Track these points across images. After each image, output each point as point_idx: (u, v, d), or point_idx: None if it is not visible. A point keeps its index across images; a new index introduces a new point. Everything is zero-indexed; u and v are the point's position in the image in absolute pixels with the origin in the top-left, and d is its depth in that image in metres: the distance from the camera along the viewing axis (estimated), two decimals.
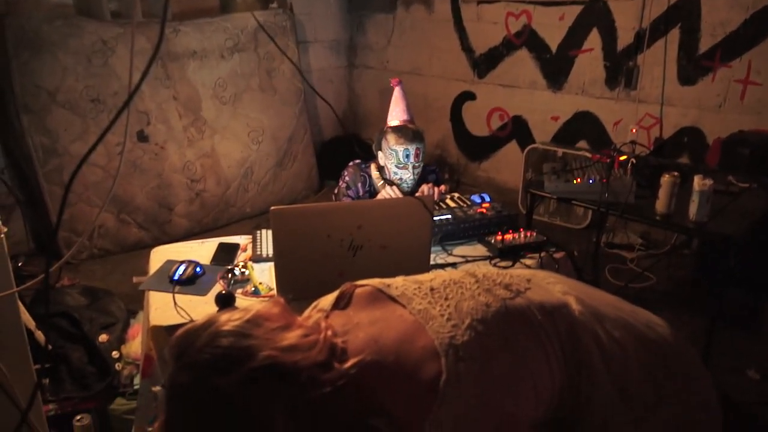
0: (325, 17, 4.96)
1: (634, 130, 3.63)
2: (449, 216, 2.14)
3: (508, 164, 4.40)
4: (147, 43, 3.51)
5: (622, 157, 2.69)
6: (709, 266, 2.98)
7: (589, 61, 3.87)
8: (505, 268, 1.94)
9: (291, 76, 4.40)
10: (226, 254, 2.01)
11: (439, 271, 1.71)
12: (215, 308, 1.67)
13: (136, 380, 2.22)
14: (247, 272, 1.85)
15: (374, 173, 2.46)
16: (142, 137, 3.67)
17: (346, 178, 2.44)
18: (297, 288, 1.72)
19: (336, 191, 2.51)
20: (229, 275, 1.81)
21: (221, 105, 4.02)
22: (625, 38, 3.68)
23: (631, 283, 3.20)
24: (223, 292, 1.67)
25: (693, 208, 2.22)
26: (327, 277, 1.73)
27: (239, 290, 1.77)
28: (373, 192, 2.43)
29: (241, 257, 2.01)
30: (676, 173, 2.31)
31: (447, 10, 4.47)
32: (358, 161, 2.48)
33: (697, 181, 2.21)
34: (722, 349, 2.49)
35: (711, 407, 1.01)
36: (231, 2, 4.22)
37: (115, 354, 2.33)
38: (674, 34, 3.49)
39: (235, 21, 4.06)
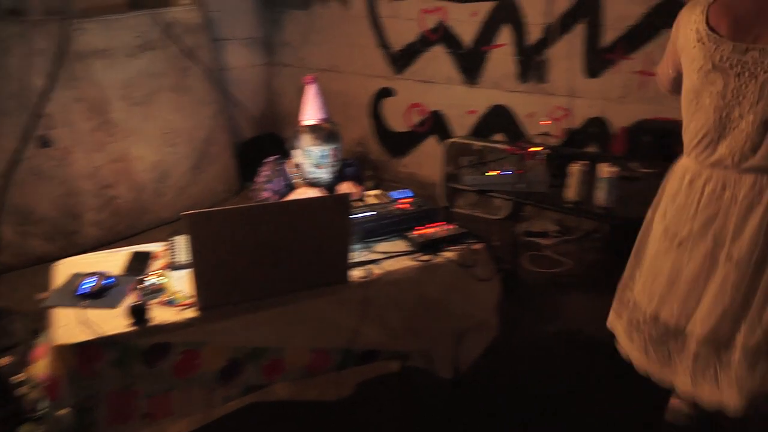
0: (240, 14, 4.85)
1: (545, 122, 3.79)
2: (371, 213, 2.15)
3: (429, 159, 4.46)
4: (47, 43, 3.30)
5: (536, 149, 2.79)
6: (617, 248, 3.15)
7: (502, 56, 3.98)
8: (425, 262, 1.97)
9: (206, 75, 4.27)
10: (139, 263, 1.92)
11: None
12: (127, 321, 1.60)
13: (44, 404, 2.09)
14: (162, 281, 1.78)
15: (292, 170, 2.43)
16: (45, 142, 3.45)
17: (264, 174, 2.40)
18: (218, 294, 1.69)
19: (254, 188, 2.46)
20: (143, 285, 1.73)
21: (132, 106, 3.84)
22: (534, 33, 3.81)
23: (549, 268, 3.33)
24: (136, 303, 1.60)
25: (600, 195, 2.34)
26: (249, 281, 1.71)
27: (154, 300, 1.70)
28: (291, 188, 2.40)
29: (156, 265, 1.93)
30: (584, 162, 2.43)
31: (363, 7, 4.47)
32: (275, 157, 2.44)
33: (603, 169, 2.32)
34: None
35: None
36: None
37: (19, 377, 2.17)
38: (580, 29, 3.65)
39: (144, 18, 3.88)
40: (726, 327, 1.47)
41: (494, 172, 2.67)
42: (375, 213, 2.14)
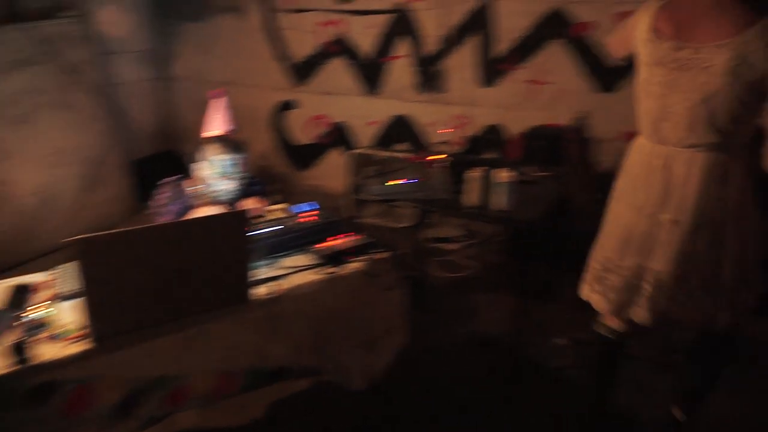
0: (131, 26, 4.63)
1: (445, 131, 3.90)
2: (275, 228, 2.11)
3: (335, 170, 4.45)
4: None
5: (436, 157, 2.86)
6: (516, 249, 3.28)
7: (401, 67, 4.06)
8: (332, 274, 1.95)
9: (95, 91, 4.03)
10: (20, 297, 1.77)
11: None
12: (5, 361, 1.46)
13: None
14: (48, 314, 1.65)
15: (192, 189, 2.34)
16: None
17: (161, 198, 2.29)
18: (112, 323, 1.58)
19: (150, 213, 2.34)
20: (23, 321, 1.59)
21: (10, 126, 3.56)
22: (431, 45, 3.92)
23: (455, 272, 3.42)
24: (15, 340, 1.46)
25: (498, 198, 2.43)
26: (146, 306, 1.62)
27: (38, 336, 1.56)
28: (191, 208, 2.31)
29: (41, 297, 1.78)
30: (483, 168, 2.51)
31: (260, 19, 4.41)
32: (171, 179, 2.34)
33: (499, 174, 2.42)
34: (533, 321, 2.75)
35: None
36: (18, 11, 3.74)
37: None
38: (473, 41, 3.80)
39: (18, 32, 3.61)
40: (674, 271, 1.76)
41: (397, 182, 2.71)
42: (279, 228, 2.10)
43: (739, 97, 1.61)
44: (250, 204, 2.35)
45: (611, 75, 3.49)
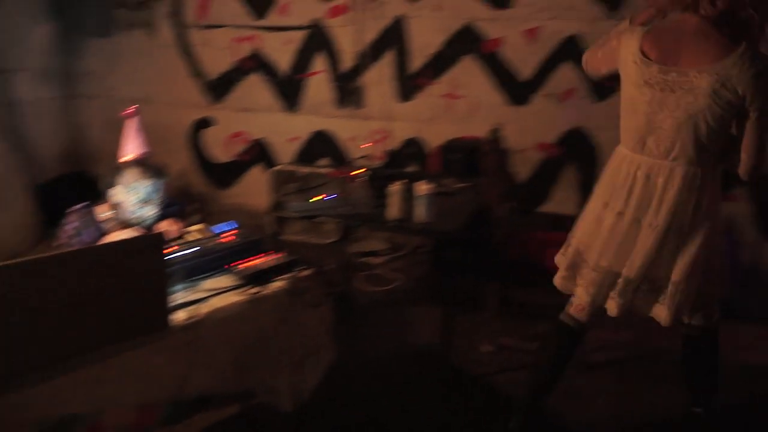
0: (31, 42, 4.37)
1: (366, 145, 3.94)
2: (193, 250, 2.04)
3: (257, 188, 4.38)
4: None
5: (358, 171, 2.87)
6: (440, 260, 3.34)
7: (319, 83, 4.06)
8: (255, 294, 1.91)
9: None
10: None
11: None
12: None
13: None
14: None
15: (104, 215, 2.24)
16: None
17: (69, 227, 2.17)
18: (12, 362, 1.47)
19: (57, 244, 2.21)
20: None
21: None
22: (347, 61, 3.95)
23: (382, 286, 3.43)
24: None
25: (419, 211, 2.47)
26: (52, 341, 1.51)
27: None
28: (103, 237, 2.19)
29: None
30: (404, 181, 2.54)
31: (172, 35, 4.29)
32: (80, 205, 2.22)
33: (419, 187, 2.46)
34: (460, 330, 2.80)
35: None
36: None
37: None
38: (390, 56, 3.86)
39: None
40: (647, 272, 1.95)
41: (320, 197, 2.70)
42: (197, 249, 2.04)
43: (720, 115, 1.80)
44: (166, 226, 2.26)
45: (523, 89, 3.64)
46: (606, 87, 3.45)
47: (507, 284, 3.00)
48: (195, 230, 2.30)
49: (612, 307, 2.02)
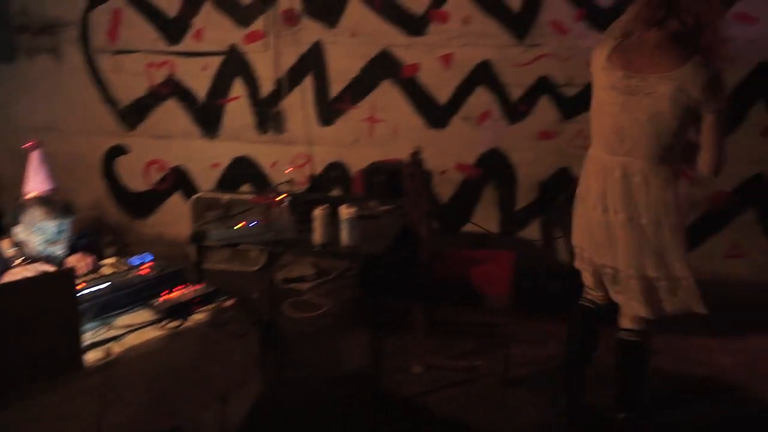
0: None
1: (289, 170, 3.91)
2: (106, 285, 1.94)
3: (177, 216, 4.24)
4: None
5: (281, 197, 2.84)
6: (367, 283, 3.35)
7: (239, 108, 4.01)
8: (175, 328, 1.84)
9: None
10: None
11: None
12: None
13: None
14: None
15: (7, 251, 2.10)
16: None
17: None
18: None
19: None
20: None
21: None
22: (267, 86, 3.93)
23: (310, 312, 3.39)
24: None
25: (344, 235, 2.47)
26: None
27: None
28: (6, 272, 2.05)
29: None
30: (326, 205, 2.54)
31: (80, 61, 4.12)
32: None
33: (343, 210, 2.46)
34: (389, 351, 2.81)
35: None
36: None
37: None
38: (308, 81, 3.88)
39: None
40: (633, 263, 2.14)
41: (243, 224, 2.64)
42: (110, 284, 1.94)
43: (678, 117, 2.01)
44: (77, 260, 2.15)
45: (441, 112, 3.75)
46: (519, 111, 3.62)
47: (434, 304, 3.04)
48: (109, 264, 2.20)
49: (611, 292, 2.24)
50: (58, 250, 2.11)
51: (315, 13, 3.76)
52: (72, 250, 2.19)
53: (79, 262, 2.14)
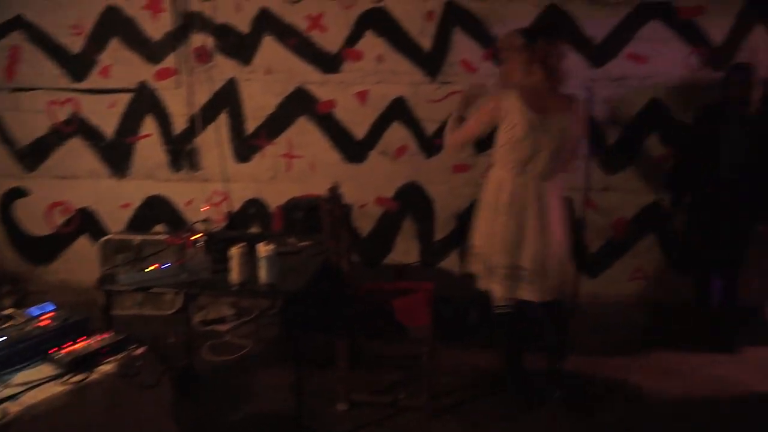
0: None
1: (205, 208, 3.80)
2: (2, 339, 1.79)
3: (83, 261, 4.01)
4: None
5: (196, 236, 2.74)
6: (289, 321, 3.28)
7: (150, 146, 3.89)
8: (80, 382, 1.72)
9: None
10: None
11: None
12: None
13: None
14: None
15: None
16: None
17: None
18: None
19: None
20: None
21: None
22: (179, 123, 3.84)
23: (231, 354, 3.27)
24: None
25: (262, 272, 2.41)
26: None
27: None
28: None
29: None
30: (243, 244, 2.48)
31: None
32: None
33: (261, 248, 2.41)
34: (313, 390, 2.75)
35: None
36: None
37: None
38: (223, 118, 3.82)
39: None
40: (533, 262, 2.62)
41: (154, 266, 2.52)
42: (6, 338, 1.79)
43: (568, 148, 2.64)
44: None
45: (359, 147, 3.80)
46: (434, 145, 3.73)
47: (357, 338, 3.02)
48: (4, 315, 2.03)
49: (525, 292, 2.63)
50: None
51: (228, 50, 3.74)
52: None
53: None
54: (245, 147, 3.86)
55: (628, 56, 3.56)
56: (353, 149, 3.81)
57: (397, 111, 3.73)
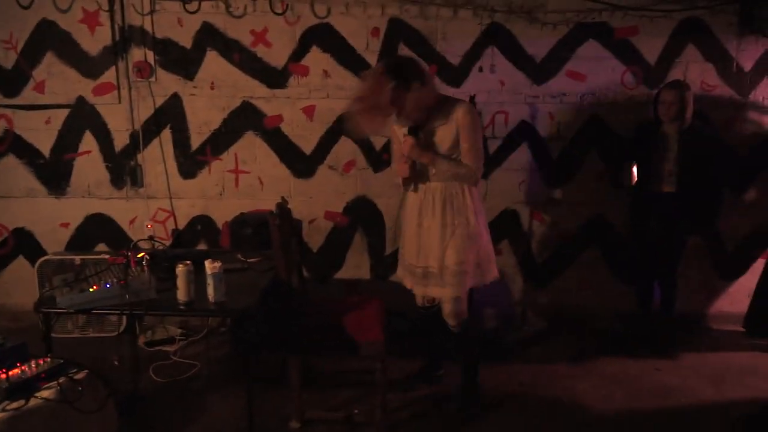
0: None
1: (149, 226, 3.71)
2: None
3: (20, 284, 3.84)
4: None
5: (139, 255, 2.67)
6: (239, 338, 3.22)
7: (90, 163, 3.77)
8: (17, 410, 1.64)
9: None
10: None
11: None
12: None
13: None
14: None
15: None
16: None
17: None
18: None
19: None
20: None
21: None
22: (121, 139, 3.75)
23: (179, 375, 3.18)
24: None
25: (210, 290, 2.37)
26: None
27: None
28: None
29: None
30: (188, 261, 2.42)
31: None
32: None
33: (208, 265, 2.36)
34: (266, 409, 2.70)
35: None
36: None
37: None
38: (167, 134, 3.75)
39: None
40: (440, 261, 2.73)
41: (94, 287, 2.43)
42: None
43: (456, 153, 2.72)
44: None
45: (307, 162, 3.79)
46: (382, 159, 3.76)
47: (308, 354, 2.99)
48: None
49: (435, 292, 2.78)
50: None
51: (170, 65, 3.68)
52: None
53: None
54: (191, 163, 3.79)
55: (567, 74, 3.70)
56: (302, 164, 3.80)
57: (345, 126, 3.75)
